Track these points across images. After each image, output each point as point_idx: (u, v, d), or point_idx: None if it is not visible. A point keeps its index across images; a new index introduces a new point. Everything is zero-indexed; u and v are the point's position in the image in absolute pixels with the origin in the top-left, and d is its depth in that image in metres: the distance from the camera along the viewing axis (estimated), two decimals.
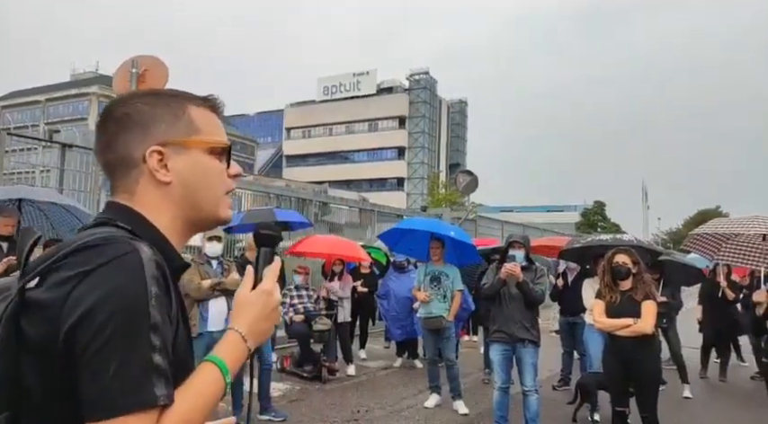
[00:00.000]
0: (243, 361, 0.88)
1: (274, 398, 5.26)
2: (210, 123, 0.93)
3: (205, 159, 0.90)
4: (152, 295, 0.74)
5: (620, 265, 4.01)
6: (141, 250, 0.76)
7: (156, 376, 0.72)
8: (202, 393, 0.79)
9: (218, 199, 0.92)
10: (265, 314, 0.91)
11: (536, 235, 11.59)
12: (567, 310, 6.36)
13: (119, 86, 4.99)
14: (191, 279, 4.26)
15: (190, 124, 0.89)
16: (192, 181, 0.88)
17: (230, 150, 0.94)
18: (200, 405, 0.78)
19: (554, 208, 63.55)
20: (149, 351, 0.72)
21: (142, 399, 0.70)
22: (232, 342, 0.87)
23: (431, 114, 66.42)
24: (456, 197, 31.48)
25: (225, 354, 0.84)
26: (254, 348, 0.89)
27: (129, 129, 0.86)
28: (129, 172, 0.87)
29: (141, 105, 0.88)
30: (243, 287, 0.93)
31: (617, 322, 3.93)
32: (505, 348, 4.40)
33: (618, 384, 4.13)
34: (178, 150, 0.87)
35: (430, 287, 5.47)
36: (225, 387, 0.82)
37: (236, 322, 0.89)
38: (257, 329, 0.89)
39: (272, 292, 0.92)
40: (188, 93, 0.95)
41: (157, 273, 0.76)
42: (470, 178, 12.40)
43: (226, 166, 0.93)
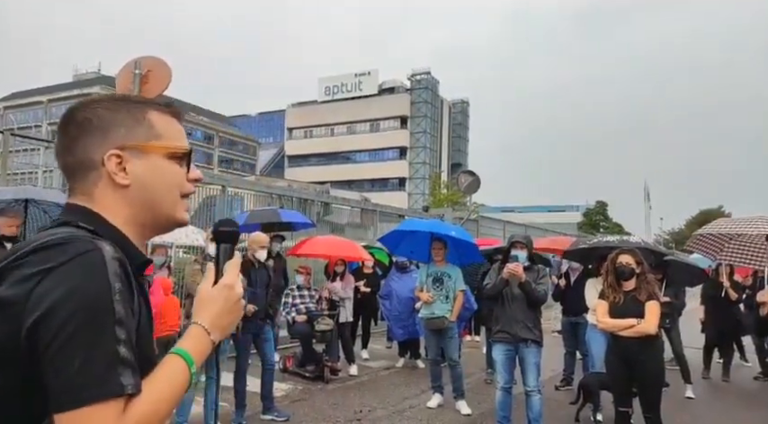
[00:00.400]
0: (207, 354, 0.90)
1: (277, 398, 5.26)
2: (171, 129, 0.95)
3: (164, 163, 0.93)
4: (116, 290, 0.76)
5: (624, 265, 4.00)
6: (103, 248, 0.79)
7: (122, 367, 0.74)
8: (169, 382, 0.81)
9: (175, 203, 0.95)
10: (228, 308, 0.93)
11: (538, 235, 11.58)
12: (569, 310, 6.35)
13: (122, 87, 5.00)
14: (194, 280, 4.27)
15: (150, 129, 0.92)
16: (150, 184, 0.91)
17: (190, 155, 0.97)
18: (166, 394, 0.80)
19: (555, 208, 63.55)
20: (115, 344, 0.74)
21: (108, 389, 0.72)
22: (195, 335, 0.89)
23: (432, 114, 66.42)
24: (458, 197, 31.45)
25: (189, 346, 0.87)
26: (217, 341, 0.91)
27: (89, 133, 0.89)
28: (88, 174, 0.89)
29: (102, 110, 0.90)
30: (204, 282, 0.96)
31: (620, 322, 3.93)
32: (508, 349, 4.40)
33: (621, 384, 4.12)
34: (137, 154, 0.90)
35: (432, 287, 5.47)
36: (190, 378, 0.84)
37: (199, 316, 0.91)
38: (220, 322, 0.92)
39: (233, 286, 0.95)
40: (151, 100, 0.98)
41: (120, 270, 0.79)
42: (472, 178, 12.41)
43: (186, 171, 0.96)
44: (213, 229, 1.03)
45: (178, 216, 0.96)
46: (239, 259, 0.99)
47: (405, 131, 65.57)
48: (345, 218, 12.02)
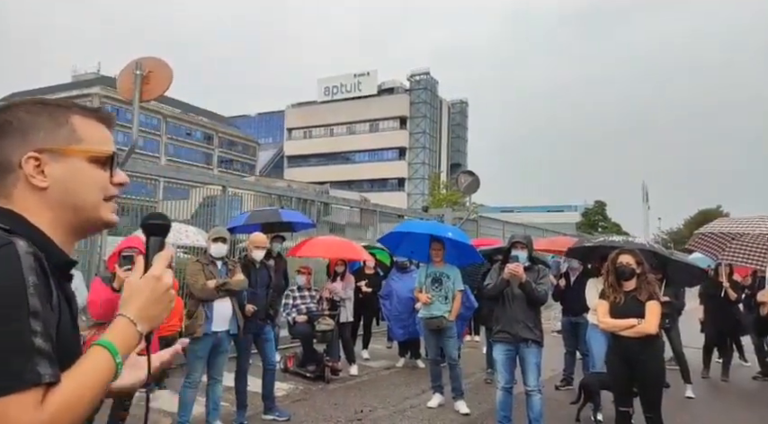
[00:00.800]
0: (135, 344, 0.91)
1: (278, 398, 5.27)
2: (95, 133, 0.96)
3: (85, 167, 0.94)
4: (30, 283, 0.77)
5: (624, 265, 4.02)
6: (17, 243, 0.80)
7: (38, 357, 0.75)
8: (90, 372, 0.83)
9: (98, 205, 0.96)
10: (155, 299, 0.94)
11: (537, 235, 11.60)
12: (569, 310, 6.37)
13: (123, 88, 5.01)
14: (196, 280, 4.27)
15: (72, 133, 0.93)
16: (70, 187, 0.92)
17: (113, 159, 0.98)
18: (88, 383, 0.82)
19: (554, 208, 63.60)
20: (30, 335, 0.75)
21: (24, 378, 0.74)
22: (120, 326, 0.91)
23: (431, 114, 66.46)
24: (457, 197, 31.48)
25: (113, 337, 0.88)
26: (145, 332, 0.93)
27: (8, 136, 0.90)
28: (7, 176, 0.90)
29: (23, 113, 0.92)
30: (133, 274, 0.98)
31: (621, 322, 3.94)
32: (509, 349, 4.42)
33: (622, 384, 4.14)
34: (56, 157, 0.91)
35: (431, 288, 5.48)
36: (116, 368, 0.86)
37: (125, 307, 0.93)
38: (147, 313, 0.93)
39: (160, 277, 0.96)
40: (76, 104, 0.98)
41: (35, 264, 0.80)
42: (472, 178, 12.41)
43: (109, 174, 0.97)
44: (142, 222, 1.04)
45: (104, 218, 0.97)
46: (170, 251, 1.00)
47: (404, 131, 65.60)
48: (345, 218, 12.04)
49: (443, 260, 5.57)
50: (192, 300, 4.35)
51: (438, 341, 5.52)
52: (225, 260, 4.52)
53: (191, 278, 4.29)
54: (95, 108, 1.01)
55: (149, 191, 9.46)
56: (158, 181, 8.24)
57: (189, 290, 4.42)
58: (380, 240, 6.73)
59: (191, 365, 4.40)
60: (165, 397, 5.47)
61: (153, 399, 5.41)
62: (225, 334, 4.41)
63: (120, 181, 0.99)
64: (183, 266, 6.84)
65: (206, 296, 4.28)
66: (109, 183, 0.97)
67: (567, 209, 62.95)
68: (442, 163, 67.67)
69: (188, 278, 4.33)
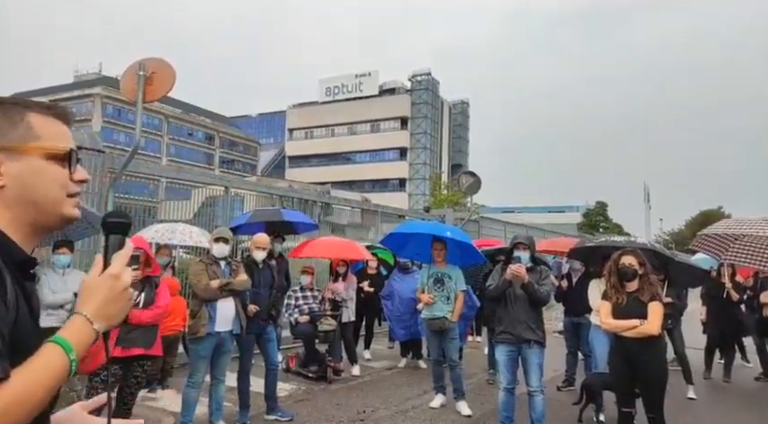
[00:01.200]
0: (90, 342, 0.91)
1: (280, 398, 5.28)
2: (52, 130, 0.96)
3: (42, 164, 0.93)
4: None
5: (627, 266, 4.02)
6: None
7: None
8: (41, 368, 0.83)
9: (59, 201, 0.95)
10: (113, 297, 0.94)
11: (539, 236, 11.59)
12: (571, 310, 6.37)
13: (127, 89, 5.02)
14: (199, 280, 4.28)
15: (28, 131, 0.93)
16: (28, 184, 0.92)
17: (71, 155, 0.97)
18: (39, 379, 0.82)
19: (555, 209, 63.54)
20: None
21: None
22: (76, 324, 0.91)
23: (433, 115, 66.46)
24: (458, 197, 31.46)
25: (67, 334, 0.88)
26: (102, 330, 0.93)
27: None
28: None
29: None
30: (91, 272, 0.97)
31: (624, 323, 3.94)
32: (511, 349, 4.42)
33: (624, 384, 4.14)
34: (12, 156, 0.91)
35: (433, 288, 5.49)
36: (69, 364, 0.86)
37: (82, 305, 0.93)
38: (104, 311, 0.93)
39: (118, 276, 0.96)
40: (32, 102, 0.98)
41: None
42: (473, 179, 12.42)
43: (68, 171, 0.97)
44: (102, 220, 1.03)
45: (65, 213, 0.97)
46: (129, 249, 1.00)
47: (405, 132, 65.60)
48: (346, 219, 12.04)
49: (445, 260, 5.57)
50: (195, 300, 4.36)
51: (440, 342, 5.52)
52: (228, 261, 4.53)
53: (194, 277, 4.30)
54: (52, 104, 1.00)
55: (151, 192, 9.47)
56: (160, 181, 8.25)
57: (192, 290, 4.43)
58: (383, 241, 6.71)
59: (194, 365, 4.41)
60: (168, 397, 5.48)
61: (156, 399, 5.43)
62: (228, 334, 4.42)
63: (81, 178, 0.99)
64: (186, 266, 6.88)
65: (209, 296, 4.29)
66: (69, 180, 0.97)
67: (568, 210, 62.88)
68: (443, 163, 67.67)
69: (191, 277, 4.34)
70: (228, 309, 4.40)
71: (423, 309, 5.65)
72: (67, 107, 1.04)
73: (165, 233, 6.57)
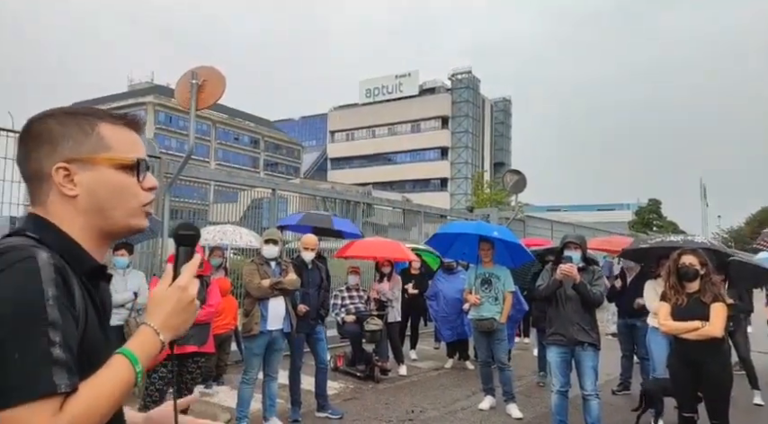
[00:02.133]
0: (157, 353, 0.92)
1: (329, 396, 5.36)
2: (123, 140, 0.97)
3: (113, 174, 0.95)
4: (48, 295, 0.80)
5: (687, 266, 3.85)
6: (38, 255, 0.82)
7: (55, 367, 0.77)
8: (109, 381, 0.84)
9: (131, 211, 0.97)
10: (180, 308, 0.95)
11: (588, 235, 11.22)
12: (625, 311, 6.14)
13: (181, 98, 5.23)
14: (251, 279, 4.41)
15: (99, 141, 0.94)
16: (100, 194, 0.94)
17: (140, 165, 0.98)
18: (106, 392, 0.83)
19: (605, 207, 61.33)
20: (48, 346, 0.78)
21: (40, 388, 0.76)
22: (144, 335, 0.92)
23: (474, 113, 65.68)
24: (501, 196, 30.97)
25: (134, 346, 0.90)
26: (168, 341, 0.94)
27: (40, 146, 0.93)
28: (41, 185, 0.94)
29: (53, 123, 0.94)
30: (161, 284, 0.98)
31: (684, 324, 3.78)
32: (563, 351, 4.32)
33: (685, 389, 3.97)
34: (85, 166, 0.93)
35: (481, 289, 5.43)
36: (136, 376, 0.87)
37: (150, 317, 0.94)
38: (171, 323, 0.94)
39: (186, 287, 0.97)
40: (104, 112, 0.99)
41: (55, 276, 0.82)
42: (518, 177, 12.18)
43: (137, 180, 0.98)
44: (173, 232, 1.05)
45: (133, 223, 0.98)
46: (197, 261, 1.01)
47: (446, 131, 65.13)
48: (388, 219, 12.08)
49: (493, 260, 5.50)
50: (249, 299, 4.50)
51: (488, 343, 5.46)
52: (278, 261, 4.65)
53: (247, 277, 4.44)
54: (123, 114, 1.01)
55: (202, 195, 9.83)
56: (209, 184, 8.54)
57: (245, 289, 4.57)
58: (429, 242, 6.67)
59: (247, 362, 4.55)
60: (223, 393, 5.68)
61: (212, 395, 5.63)
62: (279, 333, 4.54)
63: (150, 186, 1.00)
64: (237, 267, 7.10)
65: (261, 295, 4.42)
66: (139, 189, 0.98)
67: (618, 208, 60.66)
68: (486, 162, 66.75)
69: (244, 277, 4.49)
70: (279, 308, 4.52)
71: (470, 310, 5.60)
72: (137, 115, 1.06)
73: (217, 235, 6.82)
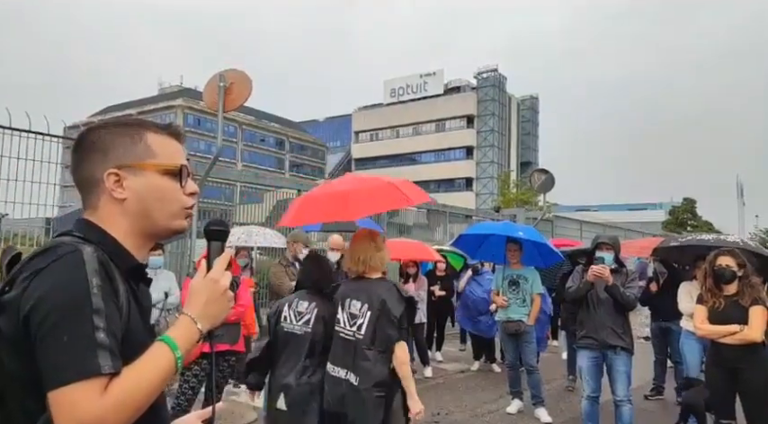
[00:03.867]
0: (195, 341, 0.99)
1: None
2: (167, 148, 1.07)
3: (158, 179, 1.04)
4: (93, 285, 0.87)
5: (724, 268, 3.71)
6: (84, 249, 0.91)
7: (100, 350, 0.84)
8: (151, 364, 0.90)
9: (173, 214, 1.06)
10: (214, 299, 1.02)
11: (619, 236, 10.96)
12: (659, 315, 5.96)
13: (209, 101, 5.31)
14: (282, 282, 4.45)
15: (146, 149, 1.04)
16: (146, 198, 1.02)
17: (183, 171, 1.07)
18: (147, 375, 0.89)
19: (637, 207, 59.79)
20: (92, 331, 0.85)
21: (87, 368, 0.83)
22: (182, 323, 0.99)
23: (500, 112, 64.98)
24: (529, 196, 30.54)
25: (174, 333, 0.96)
26: (205, 329, 1.00)
27: (92, 154, 1.02)
28: (93, 190, 1.03)
29: (105, 133, 1.04)
30: (197, 276, 1.06)
31: (722, 328, 3.64)
32: (595, 355, 4.21)
33: (722, 395, 3.82)
34: (134, 172, 1.02)
35: (509, 291, 5.35)
36: (176, 361, 0.93)
37: (188, 306, 1.01)
38: (207, 312, 1.01)
39: (218, 279, 1.04)
40: (150, 122, 1.09)
41: (99, 268, 0.90)
42: (546, 176, 11.98)
43: (180, 185, 1.06)
44: (205, 228, 1.11)
45: (175, 226, 1.07)
46: (228, 255, 1.08)
47: (471, 130, 64.62)
48: (412, 220, 12.03)
49: (521, 261, 5.42)
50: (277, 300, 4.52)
51: (516, 346, 5.39)
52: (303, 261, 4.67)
53: (276, 279, 4.48)
54: (167, 124, 1.11)
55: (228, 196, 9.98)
56: (235, 185, 8.65)
57: (269, 290, 4.61)
58: (455, 244, 6.56)
59: None
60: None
61: (239, 394, 5.70)
62: None
63: (192, 191, 1.08)
64: (263, 267, 7.18)
65: None
66: (181, 193, 1.06)
67: (651, 208, 59.04)
68: (512, 161, 65.97)
69: (273, 279, 4.53)
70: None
71: (497, 311, 5.53)
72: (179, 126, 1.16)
73: (242, 236, 6.90)
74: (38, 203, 5.39)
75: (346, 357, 2.67)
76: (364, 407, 2.58)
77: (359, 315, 2.70)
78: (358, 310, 2.72)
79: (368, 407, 2.57)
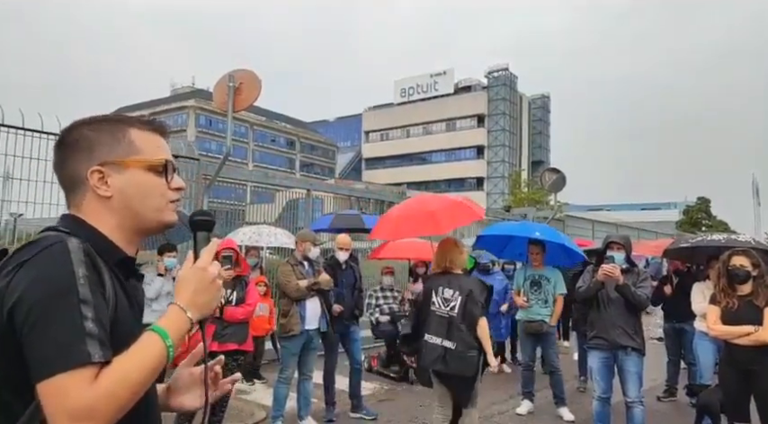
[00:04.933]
0: (186, 329, 0.97)
1: (364, 397, 5.34)
2: (151, 144, 1.05)
3: (143, 175, 1.03)
4: (79, 275, 0.86)
5: (738, 268, 3.65)
6: (69, 241, 0.89)
7: (89, 339, 0.83)
8: (140, 352, 0.89)
9: (160, 208, 1.05)
10: (203, 288, 1.01)
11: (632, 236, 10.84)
12: (672, 315, 5.88)
13: (219, 100, 5.35)
14: (289, 281, 4.45)
15: (130, 145, 1.03)
16: (131, 194, 1.02)
17: (168, 167, 1.06)
18: (137, 364, 0.88)
19: (650, 206, 59.05)
20: (80, 320, 0.84)
21: (76, 357, 0.82)
22: (171, 312, 0.98)
23: (511, 111, 64.64)
24: (540, 196, 30.36)
25: (164, 322, 0.95)
26: (195, 318, 0.99)
27: (75, 152, 1.01)
28: (77, 188, 1.02)
29: (87, 131, 1.02)
30: (184, 266, 1.05)
31: (735, 329, 3.58)
32: (605, 356, 4.16)
33: (736, 396, 3.76)
34: (117, 169, 1.01)
35: (530, 291, 5.32)
36: (167, 350, 0.92)
37: (177, 296, 1.00)
38: (196, 301, 1.00)
39: (205, 268, 1.02)
40: (133, 118, 1.08)
41: (85, 258, 0.89)
42: (557, 175, 11.89)
43: (166, 180, 1.05)
44: (190, 219, 1.10)
45: (165, 219, 1.06)
46: (215, 245, 1.07)
47: (482, 130, 64.36)
48: None
49: (543, 262, 5.37)
50: (286, 300, 4.54)
51: (535, 346, 5.38)
52: (311, 261, 4.68)
53: (284, 278, 4.49)
54: (150, 120, 1.10)
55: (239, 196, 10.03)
56: (246, 185, 8.70)
57: (281, 289, 4.61)
58: (478, 244, 6.47)
59: (284, 361, 4.60)
60: (260, 391, 5.76)
61: (249, 392, 5.73)
62: (315, 332, 4.57)
63: (177, 186, 1.08)
64: (273, 266, 7.20)
65: (300, 296, 4.46)
66: (167, 188, 1.05)
67: (664, 207, 58.27)
68: (523, 160, 65.57)
69: (281, 278, 4.53)
70: (315, 308, 4.55)
71: (518, 311, 5.51)
72: (163, 121, 1.16)
73: (252, 235, 6.95)
74: (51, 203, 5.47)
75: (441, 329, 3.66)
76: (465, 362, 3.61)
77: (451, 300, 3.70)
78: (450, 296, 3.70)
79: (467, 363, 3.61)
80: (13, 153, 5.10)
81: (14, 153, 5.12)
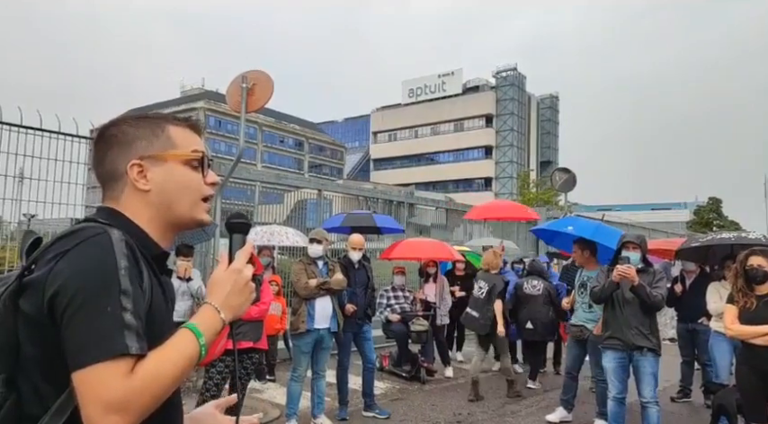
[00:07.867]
0: (218, 330, 0.98)
1: (376, 396, 5.36)
2: (187, 140, 1.07)
3: (180, 169, 1.05)
4: (121, 266, 0.87)
5: (756, 268, 3.62)
6: (111, 232, 0.91)
7: (127, 331, 0.84)
8: (175, 348, 0.90)
9: (194, 204, 1.06)
10: (237, 289, 1.02)
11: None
12: (686, 316, 5.84)
13: (232, 101, 5.38)
14: (299, 279, 4.48)
15: (167, 141, 1.05)
16: (168, 188, 1.03)
17: (204, 161, 1.08)
18: (172, 358, 0.89)
19: (660, 206, 58.52)
20: (120, 311, 0.85)
21: (114, 348, 0.82)
22: (205, 312, 0.99)
23: (519, 111, 64.36)
24: (549, 196, 30.18)
25: (198, 321, 0.96)
26: (228, 320, 1.00)
27: (115, 147, 1.03)
28: (116, 182, 1.03)
29: (126, 127, 1.05)
30: (219, 267, 1.06)
31: (753, 329, 3.54)
32: (620, 356, 4.14)
33: (753, 396, 3.72)
34: (156, 163, 1.03)
35: (577, 294, 5.03)
36: (200, 349, 0.93)
37: (211, 297, 1.01)
38: (230, 302, 1.01)
39: (240, 270, 1.04)
40: (170, 116, 1.10)
41: (127, 250, 0.90)
42: (567, 175, 11.84)
43: (202, 175, 1.07)
44: (226, 221, 1.12)
45: (197, 216, 1.07)
46: (250, 247, 1.09)
47: (490, 130, 64.13)
48: (430, 220, 12.01)
49: (592, 263, 5.01)
50: (296, 298, 4.56)
51: (578, 352, 5.05)
52: (325, 260, 4.70)
53: (294, 276, 4.51)
54: (186, 117, 1.13)
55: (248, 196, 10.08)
56: (255, 186, 8.73)
57: (294, 288, 4.64)
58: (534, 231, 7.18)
59: (296, 359, 4.62)
60: (273, 390, 5.79)
61: (262, 391, 5.76)
62: (326, 331, 4.59)
63: (212, 181, 1.09)
64: (284, 266, 7.23)
65: (308, 294, 4.47)
66: (202, 183, 1.07)
67: (675, 207, 57.74)
68: (532, 160, 65.26)
69: (292, 276, 4.56)
70: (326, 307, 4.56)
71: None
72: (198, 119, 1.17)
73: (264, 235, 6.97)
74: (66, 203, 5.53)
75: (476, 306, 5.80)
76: (480, 325, 5.79)
77: (483, 288, 5.76)
78: (483, 285, 5.77)
79: (481, 326, 5.76)
80: (31, 153, 5.16)
81: (32, 153, 5.18)
